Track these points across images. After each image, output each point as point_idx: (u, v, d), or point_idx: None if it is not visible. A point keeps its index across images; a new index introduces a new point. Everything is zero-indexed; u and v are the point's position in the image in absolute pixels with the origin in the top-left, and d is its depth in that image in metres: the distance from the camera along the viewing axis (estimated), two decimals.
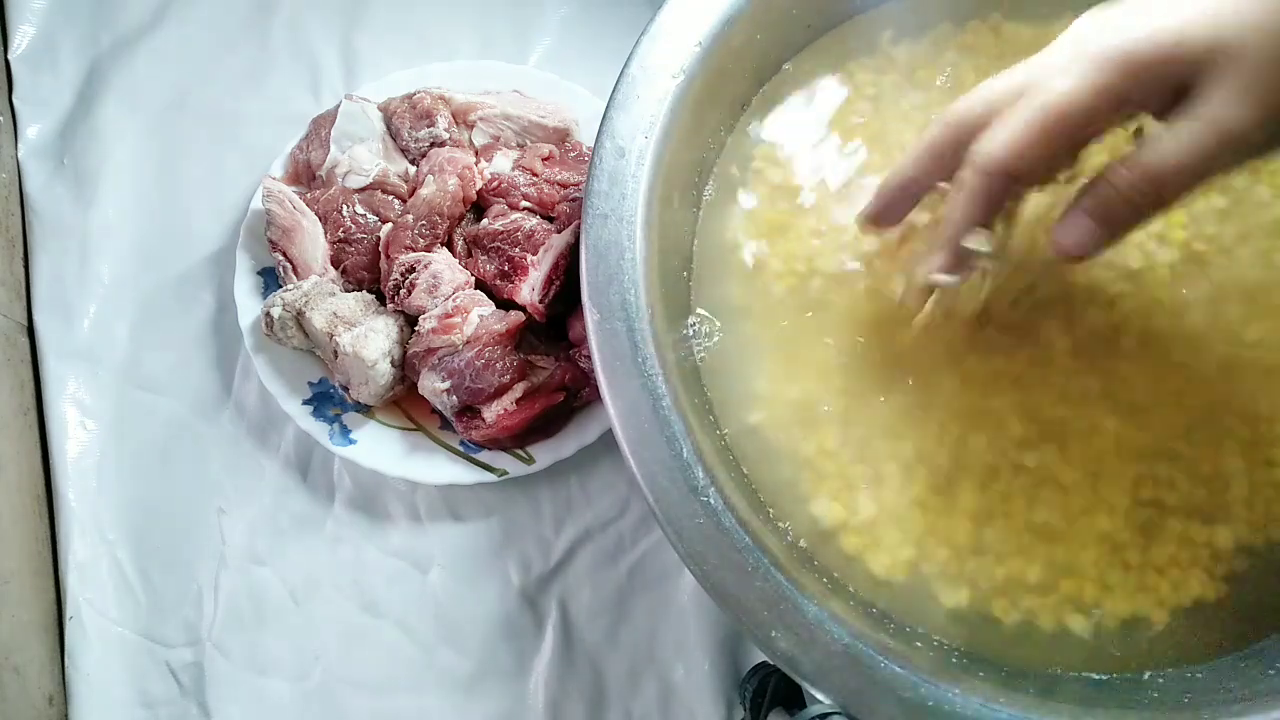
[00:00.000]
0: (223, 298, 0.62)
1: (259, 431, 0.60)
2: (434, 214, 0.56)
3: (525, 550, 0.58)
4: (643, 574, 0.57)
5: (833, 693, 0.38)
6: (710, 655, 0.56)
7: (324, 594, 0.58)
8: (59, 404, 0.60)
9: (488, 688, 0.56)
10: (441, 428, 0.57)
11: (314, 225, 0.58)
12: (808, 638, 0.38)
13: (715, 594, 0.39)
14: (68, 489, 0.59)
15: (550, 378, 0.54)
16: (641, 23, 0.46)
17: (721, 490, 0.40)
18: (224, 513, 0.59)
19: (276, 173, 0.61)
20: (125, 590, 0.58)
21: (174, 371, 0.61)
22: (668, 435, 0.40)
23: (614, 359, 0.41)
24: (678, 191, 0.47)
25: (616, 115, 0.44)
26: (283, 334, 0.56)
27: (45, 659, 0.56)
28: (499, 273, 0.55)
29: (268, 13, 0.68)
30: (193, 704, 0.57)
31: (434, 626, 0.57)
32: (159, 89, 0.66)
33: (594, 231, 0.43)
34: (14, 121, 0.65)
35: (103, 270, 0.63)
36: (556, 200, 0.57)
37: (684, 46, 0.46)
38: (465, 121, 0.60)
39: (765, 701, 0.50)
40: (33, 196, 0.64)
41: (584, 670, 0.56)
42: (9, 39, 0.67)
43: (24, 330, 0.62)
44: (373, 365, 0.53)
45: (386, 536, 0.59)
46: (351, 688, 0.57)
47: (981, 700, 0.38)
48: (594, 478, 0.59)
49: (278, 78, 0.67)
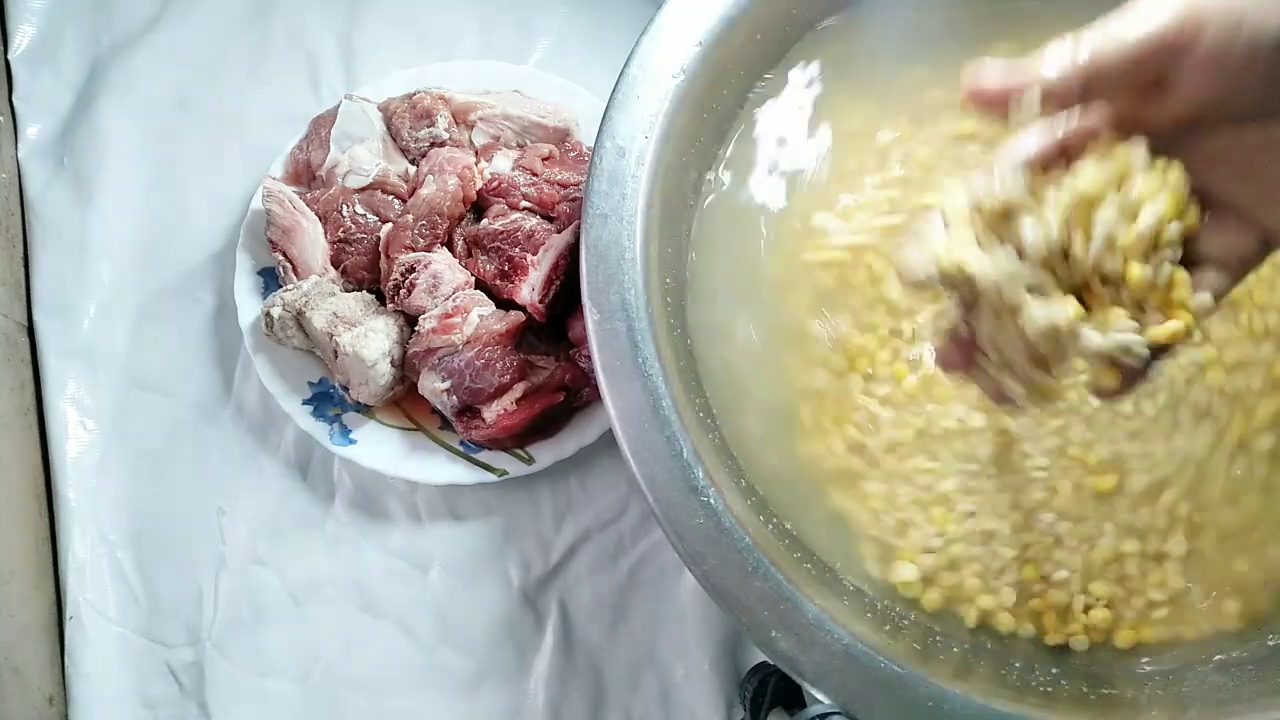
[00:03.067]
0: (223, 298, 0.62)
1: (259, 431, 0.60)
2: (434, 214, 0.56)
3: (525, 550, 0.58)
4: (643, 574, 0.57)
5: (833, 693, 0.38)
6: (710, 655, 0.55)
7: (324, 594, 0.58)
8: (59, 404, 0.60)
9: (488, 688, 0.56)
10: (441, 428, 0.57)
11: (314, 225, 0.58)
12: (808, 638, 0.38)
13: (715, 594, 0.39)
14: (68, 489, 0.59)
15: (550, 378, 0.54)
16: (641, 23, 0.46)
17: (721, 490, 0.40)
18: (224, 513, 0.59)
19: (276, 173, 0.61)
20: (125, 590, 0.58)
21: (174, 371, 0.61)
22: (668, 435, 0.40)
23: (614, 359, 0.41)
24: (678, 191, 0.47)
25: (616, 115, 0.44)
26: (283, 334, 0.56)
27: (45, 659, 0.56)
28: (499, 273, 0.55)
29: (268, 12, 0.68)
30: (193, 704, 0.57)
31: (434, 626, 0.57)
32: (159, 89, 0.66)
33: (594, 231, 0.43)
34: (14, 121, 0.65)
35: (103, 270, 0.63)
36: (556, 200, 0.57)
37: (684, 46, 0.46)
38: (465, 121, 0.60)
39: (765, 701, 0.50)
40: (33, 197, 0.64)
41: (584, 670, 0.56)
42: (9, 39, 0.67)
43: (24, 330, 0.62)
44: (373, 365, 0.53)
45: (386, 536, 0.58)
46: (351, 688, 0.57)
47: (982, 700, 0.38)
48: (594, 478, 0.59)
49: (278, 78, 0.67)
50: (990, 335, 0.34)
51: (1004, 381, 0.34)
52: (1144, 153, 0.31)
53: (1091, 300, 0.32)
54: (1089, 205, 0.31)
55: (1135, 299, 0.32)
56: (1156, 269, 0.31)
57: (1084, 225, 0.31)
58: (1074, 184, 0.31)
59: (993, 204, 0.32)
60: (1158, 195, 0.31)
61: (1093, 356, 0.31)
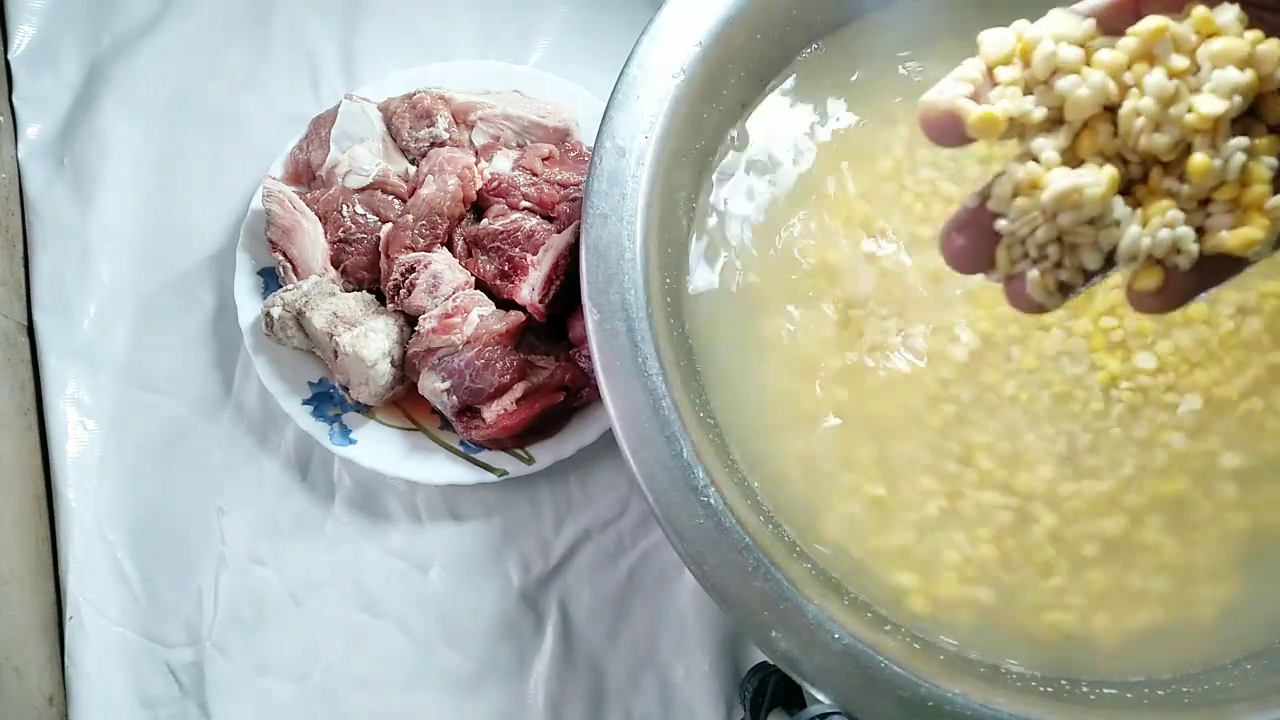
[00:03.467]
0: (223, 298, 0.62)
1: (259, 431, 0.60)
2: (434, 214, 0.56)
3: (525, 550, 0.58)
4: (643, 574, 0.57)
5: (833, 693, 0.38)
6: (710, 655, 0.56)
7: (324, 594, 0.58)
8: (59, 404, 0.60)
9: (488, 688, 0.56)
10: (441, 428, 0.57)
11: (314, 225, 0.58)
12: (808, 638, 0.38)
13: (715, 594, 0.39)
14: (68, 489, 0.59)
15: (550, 378, 0.54)
16: (641, 23, 0.46)
17: (721, 490, 0.40)
18: (224, 513, 0.59)
19: (276, 173, 0.61)
20: (125, 590, 0.58)
21: (174, 371, 0.61)
22: (668, 435, 0.40)
23: (614, 359, 0.41)
24: (677, 191, 0.47)
25: (616, 115, 0.44)
26: (283, 334, 0.56)
27: (45, 659, 0.56)
28: (499, 273, 0.55)
29: (267, 13, 0.68)
30: (193, 704, 0.57)
31: (434, 626, 0.57)
32: (159, 89, 0.66)
33: (594, 231, 0.43)
34: (14, 121, 0.65)
35: (103, 270, 0.63)
36: (556, 200, 0.57)
37: (684, 46, 0.45)
38: (465, 121, 0.60)
39: (765, 701, 0.50)
40: (33, 196, 0.64)
41: (584, 670, 0.56)
42: (9, 39, 0.67)
43: (24, 330, 0.62)
44: (373, 365, 0.53)
45: (386, 536, 0.59)
46: (351, 688, 0.57)
47: (982, 700, 0.38)
48: (594, 478, 0.59)
49: (278, 78, 0.67)
50: (1017, 209, 0.27)
51: (1025, 275, 0.28)
52: (1236, 12, 0.25)
53: (1146, 194, 0.27)
54: (1149, 62, 0.26)
55: (1195, 194, 0.26)
56: (1228, 159, 0.25)
57: (1141, 88, 0.26)
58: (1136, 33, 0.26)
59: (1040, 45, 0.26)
60: (1238, 61, 0.25)
61: (1129, 253, 0.26)
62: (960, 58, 0.28)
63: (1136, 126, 0.26)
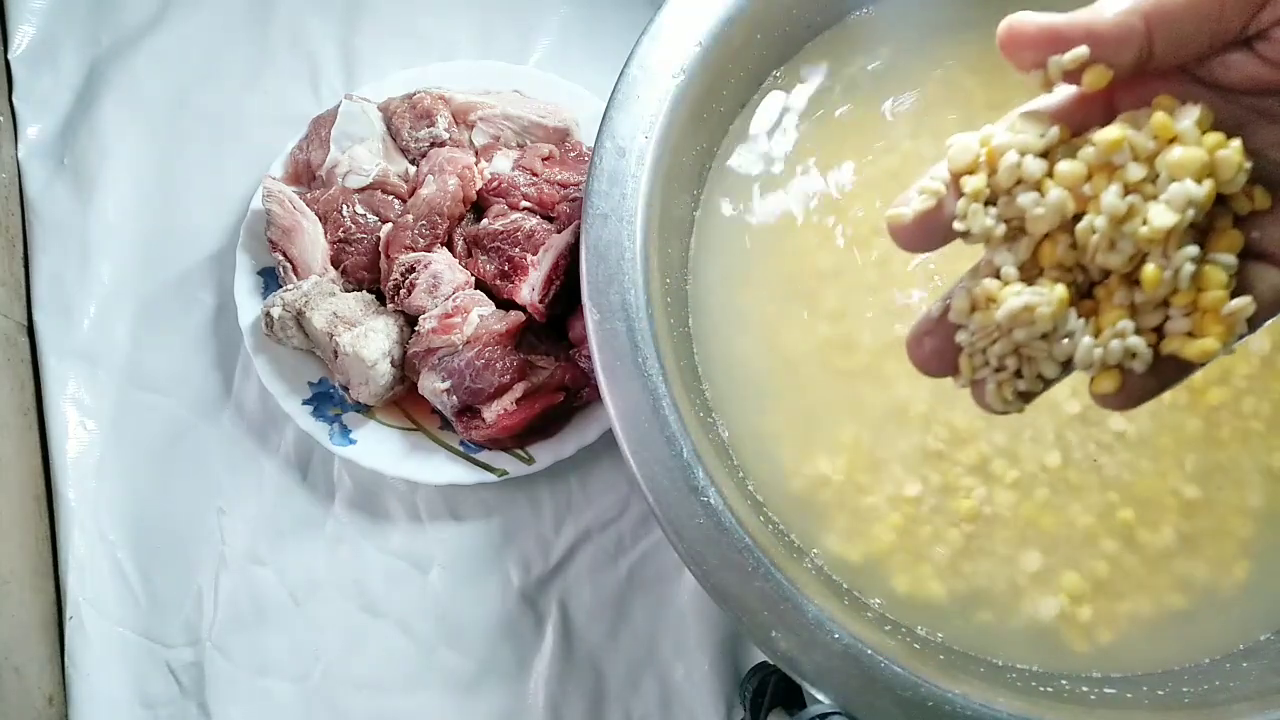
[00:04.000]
0: (223, 298, 0.62)
1: (259, 431, 0.60)
2: (434, 214, 0.56)
3: (525, 550, 0.58)
4: (643, 574, 0.57)
5: (833, 693, 0.38)
6: (710, 655, 0.56)
7: (324, 594, 0.58)
8: (59, 404, 0.60)
9: (488, 688, 0.56)
10: (441, 428, 0.57)
11: (314, 225, 0.58)
12: (808, 638, 0.38)
13: (715, 594, 0.39)
14: (68, 489, 0.59)
15: (550, 378, 0.54)
16: (641, 23, 0.46)
17: (721, 490, 0.40)
18: (224, 513, 0.59)
19: (276, 173, 0.61)
20: (125, 590, 0.58)
21: (174, 371, 0.61)
22: (668, 435, 0.40)
23: (614, 359, 0.41)
24: (678, 191, 0.47)
25: (616, 115, 0.44)
26: (283, 334, 0.56)
27: (45, 659, 0.56)
28: (499, 273, 0.55)
29: (267, 13, 0.68)
30: (193, 704, 0.57)
31: (434, 626, 0.57)
32: (159, 89, 0.66)
33: (594, 231, 0.43)
34: (14, 121, 0.65)
35: (103, 270, 0.63)
36: (556, 200, 0.57)
37: (684, 46, 0.46)
38: (465, 121, 0.60)
39: (765, 701, 0.50)
40: (33, 196, 0.64)
41: (584, 670, 0.56)
42: (9, 39, 0.67)
43: (24, 330, 0.62)
44: (373, 365, 0.53)
45: (386, 536, 0.59)
46: (351, 688, 0.57)
47: (982, 700, 0.38)
48: (594, 478, 0.59)
49: (278, 78, 0.67)
50: (975, 324, 0.28)
51: (986, 382, 0.29)
52: (1194, 119, 0.25)
53: (1103, 298, 0.27)
54: (1108, 174, 0.26)
55: (1151, 300, 0.26)
56: (1178, 269, 0.25)
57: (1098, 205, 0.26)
58: (1094, 143, 0.26)
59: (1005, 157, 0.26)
60: (1195, 172, 0.25)
61: (1084, 362, 0.27)
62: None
63: (1093, 244, 0.26)
